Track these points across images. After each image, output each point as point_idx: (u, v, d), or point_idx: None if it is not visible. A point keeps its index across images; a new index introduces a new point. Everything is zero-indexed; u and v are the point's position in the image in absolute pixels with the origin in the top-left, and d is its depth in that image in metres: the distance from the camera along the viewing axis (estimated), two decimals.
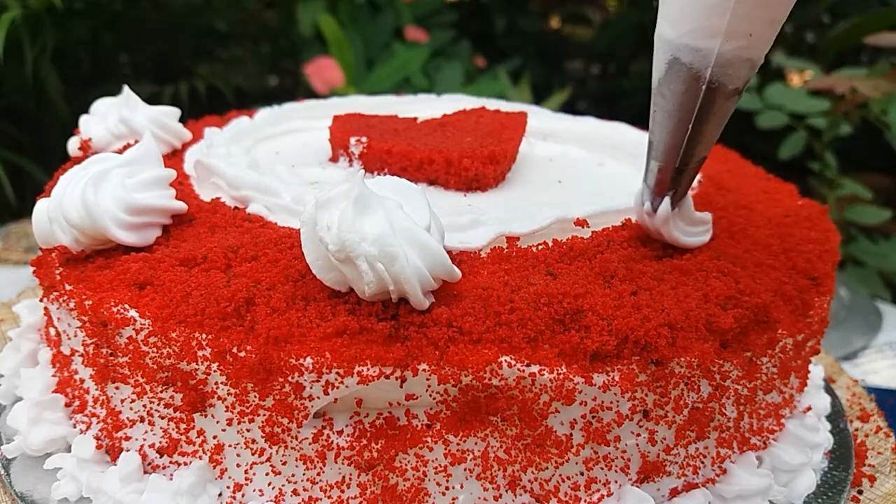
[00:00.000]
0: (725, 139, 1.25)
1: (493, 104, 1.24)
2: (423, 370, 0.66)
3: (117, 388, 0.78)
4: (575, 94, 3.78)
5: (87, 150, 1.05)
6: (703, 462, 0.80)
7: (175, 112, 1.10)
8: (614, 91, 4.23)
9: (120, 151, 0.92)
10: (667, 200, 0.79)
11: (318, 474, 0.72)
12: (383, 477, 0.71)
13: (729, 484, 0.81)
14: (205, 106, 2.54)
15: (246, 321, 0.69)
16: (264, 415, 0.70)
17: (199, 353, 0.69)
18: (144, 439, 0.78)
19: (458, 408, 0.69)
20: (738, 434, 0.83)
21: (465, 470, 0.71)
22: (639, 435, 0.74)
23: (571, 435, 0.71)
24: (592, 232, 0.84)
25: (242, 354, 0.67)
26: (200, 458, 0.75)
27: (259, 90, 3.20)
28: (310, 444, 0.71)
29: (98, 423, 0.82)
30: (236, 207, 0.89)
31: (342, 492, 0.72)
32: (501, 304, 0.69)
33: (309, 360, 0.66)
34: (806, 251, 0.89)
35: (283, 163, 1.05)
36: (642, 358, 0.70)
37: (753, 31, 0.67)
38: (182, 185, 0.94)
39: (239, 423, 0.72)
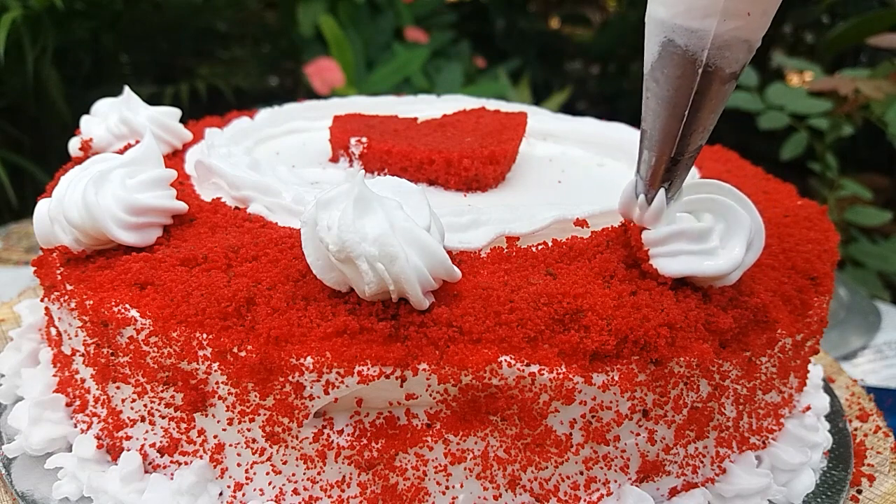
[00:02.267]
0: (725, 139, 1.26)
1: (493, 104, 1.25)
2: (423, 370, 0.66)
3: (118, 387, 0.78)
4: (575, 94, 3.78)
5: (87, 150, 1.05)
6: (702, 461, 0.81)
7: (176, 112, 1.10)
8: (614, 91, 4.23)
9: (121, 152, 0.92)
10: (661, 193, 0.75)
11: (319, 474, 0.72)
12: (383, 476, 0.71)
13: (728, 483, 0.81)
14: (205, 106, 2.55)
15: (246, 321, 0.69)
16: (265, 414, 0.71)
17: (200, 353, 0.69)
18: (145, 439, 0.78)
19: (458, 407, 0.69)
20: (737, 434, 0.83)
21: (464, 469, 0.72)
22: (638, 434, 0.74)
23: (571, 434, 0.72)
24: (592, 232, 0.84)
25: (243, 354, 0.67)
26: (201, 457, 0.76)
27: (259, 90, 3.20)
28: (310, 443, 0.71)
29: (99, 422, 0.82)
30: (237, 207, 0.90)
31: (342, 491, 0.72)
32: (501, 304, 0.70)
33: (309, 359, 0.66)
34: (805, 251, 0.89)
35: (283, 163, 1.05)
36: (642, 358, 0.70)
37: (752, 9, 0.63)
38: (183, 186, 0.94)
39: (239, 423, 0.72)
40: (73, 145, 1.07)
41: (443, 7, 3.43)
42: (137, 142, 0.95)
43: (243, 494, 0.75)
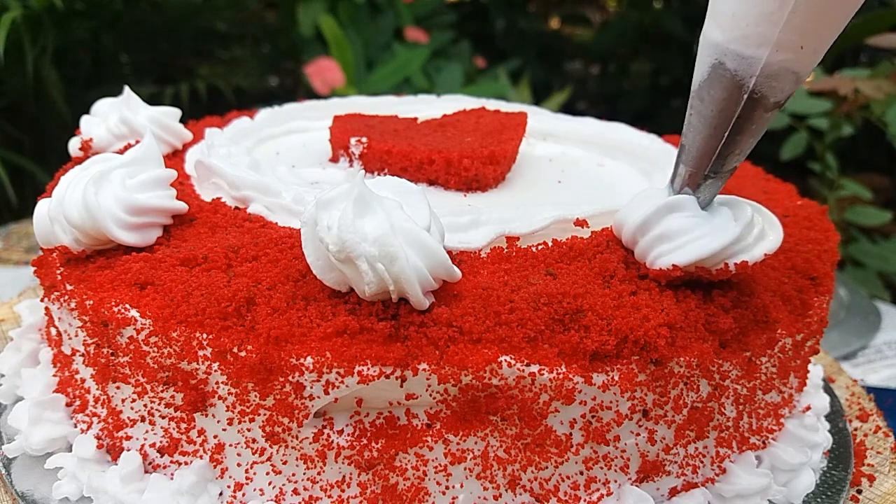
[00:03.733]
0: None
1: (493, 104, 1.24)
2: (423, 370, 0.66)
3: (118, 387, 0.78)
4: (575, 94, 3.78)
5: (87, 150, 1.05)
6: (702, 461, 0.81)
7: (176, 112, 1.10)
8: (614, 91, 4.24)
9: (121, 152, 0.92)
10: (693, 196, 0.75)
11: (319, 474, 0.72)
12: (383, 476, 0.71)
13: (728, 483, 0.81)
14: (205, 106, 2.55)
15: (246, 321, 0.69)
16: (265, 414, 0.71)
17: (200, 353, 0.69)
18: (145, 439, 0.78)
19: (458, 407, 0.69)
20: (737, 434, 0.83)
21: (464, 469, 0.72)
22: (638, 434, 0.74)
23: (571, 434, 0.72)
24: (592, 232, 0.84)
25: (243, 354, 0.68)
26: (201, 457, 0.76)
27: (259, 90, 3.21)
28: (310, 443, 0.71)
29: (99, 422, 0.82)
30: (237, 207, 0.90)
31: (342, 491, 0.72)
32: (501, 304, 0.70)
33: (309, 359, 0.66)
34: (805, 251, 0.89)
35: (283, 163, 1.05)
36: (642, 357, 0.70)
37: (805, 44, 0.65)
38: (183, 186, 0.94)
39: (239, 423, 0.72)
40: (73, 145, 1.07)
41: (443, 7, 3.43)
42: (137, 142, 0.95)
43: (243, 494, 0.75)
